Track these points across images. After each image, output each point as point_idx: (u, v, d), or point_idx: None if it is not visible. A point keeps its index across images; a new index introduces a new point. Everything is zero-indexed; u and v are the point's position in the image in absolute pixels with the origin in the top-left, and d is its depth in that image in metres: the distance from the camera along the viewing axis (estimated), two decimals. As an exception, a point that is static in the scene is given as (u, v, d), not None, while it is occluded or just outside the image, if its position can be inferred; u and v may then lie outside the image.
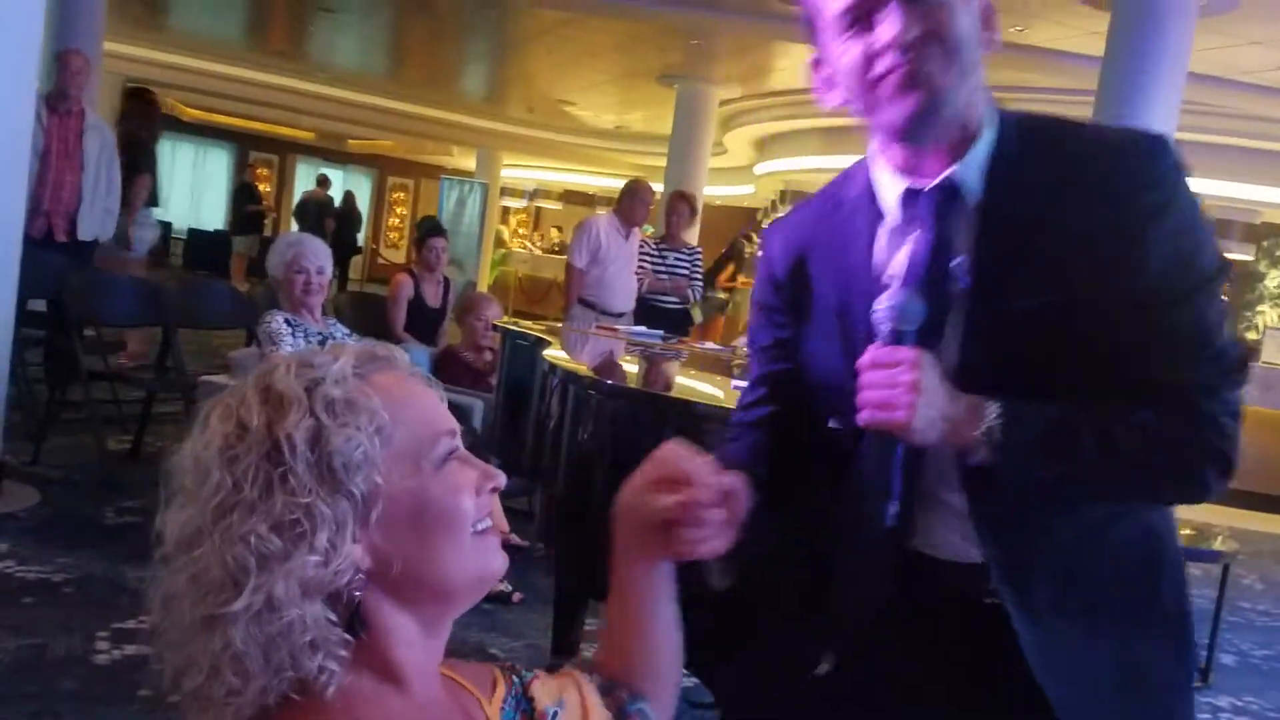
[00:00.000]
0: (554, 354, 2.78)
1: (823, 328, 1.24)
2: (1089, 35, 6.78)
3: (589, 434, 2.25)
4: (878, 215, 1.20)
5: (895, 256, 1.17)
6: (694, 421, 2.32)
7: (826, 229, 1.26)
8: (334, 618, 0.78)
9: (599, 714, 0.98)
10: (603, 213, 6.33)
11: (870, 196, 1.21)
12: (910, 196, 1.15)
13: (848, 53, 1.10)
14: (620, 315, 5.82)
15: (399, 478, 0.82)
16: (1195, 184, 1.12)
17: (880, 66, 1.07)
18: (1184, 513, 2.66)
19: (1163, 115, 5.86)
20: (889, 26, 1.06)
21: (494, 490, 0.89)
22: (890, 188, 1.18)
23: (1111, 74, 6.02)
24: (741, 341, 4.25)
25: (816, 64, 1.18)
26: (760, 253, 1.37)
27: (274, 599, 0.76)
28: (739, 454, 1.30)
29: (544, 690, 0.96)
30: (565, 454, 2.39)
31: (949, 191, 1.12)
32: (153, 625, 0.81)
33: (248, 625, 0.76)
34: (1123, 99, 5.91)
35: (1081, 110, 6.60)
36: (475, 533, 0.85)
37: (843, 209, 1.25)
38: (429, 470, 0.84)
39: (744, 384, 2.80)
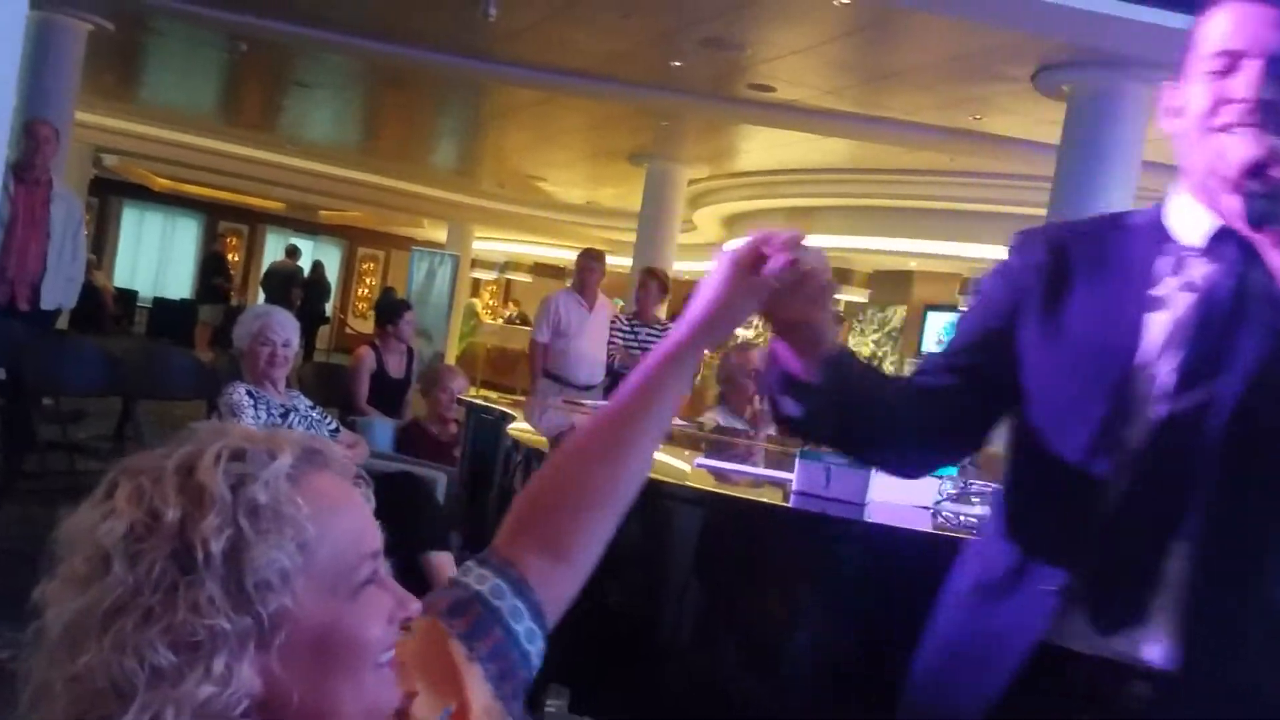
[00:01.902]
0: (517, 428, 2.77)
1: (1064, 338, 1.20)
2: (1045, 124, 7.00)
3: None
4: (1164, 241, 1.19)
5: (1176, 297, 1.15)
6: (656, 498, 2.32)
7: (1097, 244, 1.24)
8: None
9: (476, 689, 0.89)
10: (561, 289, 6.42)
11: (1159, 228, 1.20)
12: (1223, 235, 1.14)
13: (1204, 92, 1.14)
14: (588, 389, 5.84)
15: (311, 602, 0.73)
16: None
17: (1227, 115, 1.11)
18: None
19: (1118, 201, 6.03)
20: (1248, 82, 1.10)
21: (405, 621, 0.81)
22: (1195, 224, 1.17)
23: (1068, 161, 6.20)
24: (707, 416, 4.26)
25: (1172, 91, 1.21)
26: (1012, 249, 1.33)
27: None
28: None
29: (424, 704, 0.86)
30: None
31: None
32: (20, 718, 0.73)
33: None
34: (1079, 186, 6.08)
35: (1039, 196, 6.78)
36: (376, 664, 0.77)
37: (1124, 228, 1.24)
38: (344, 595, 0.76)
39: (709, 462, 2.77)
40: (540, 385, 5.90)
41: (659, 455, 3.31)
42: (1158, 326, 1.14)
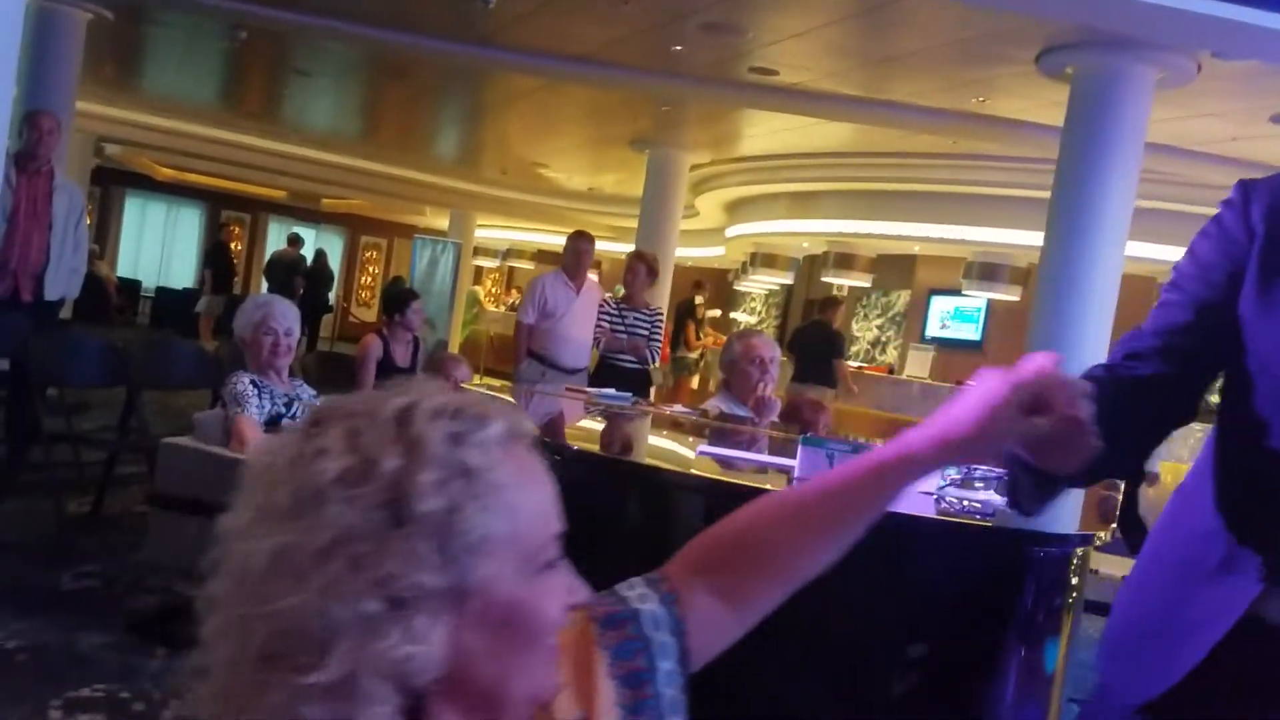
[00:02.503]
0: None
1: None
2: (1049, 106, 6.96)
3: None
4: None
5: None
6: (660, 486, 2.32)
7: None
8: None
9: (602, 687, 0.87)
10: (549, 270, 6.40)
11: None
12: None
13: None
14: (573, 372, 5.84)
15: (507, 573, 0.72)
16: (1152, 249, 1.11)
17: None
18: None
19: (1121, 184, 6.01)
20: None
21: (572, 607, 0.80)
22: None
23: (1071, 144, 6.17)
24: (710, 404, 4.25)
25: None
26: (1227, 203, 1.19)
27: (353, 680, 0.66)
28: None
29: (562, 701, 0.84)
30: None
31: None
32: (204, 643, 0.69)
33: (318, 700, 0.66)
34: (1083, 168, 6.06)
35: (1043, 179, 6.75)
36: (548, 646, 0.77)
37: None
38: (532, 572, 0.74)
39: (712, 450, 2.76)
40: (524, 367, 5.89)
41: (662, 442, 3.31)
42: None
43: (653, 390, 6.60)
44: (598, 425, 3.51)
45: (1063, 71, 6.29)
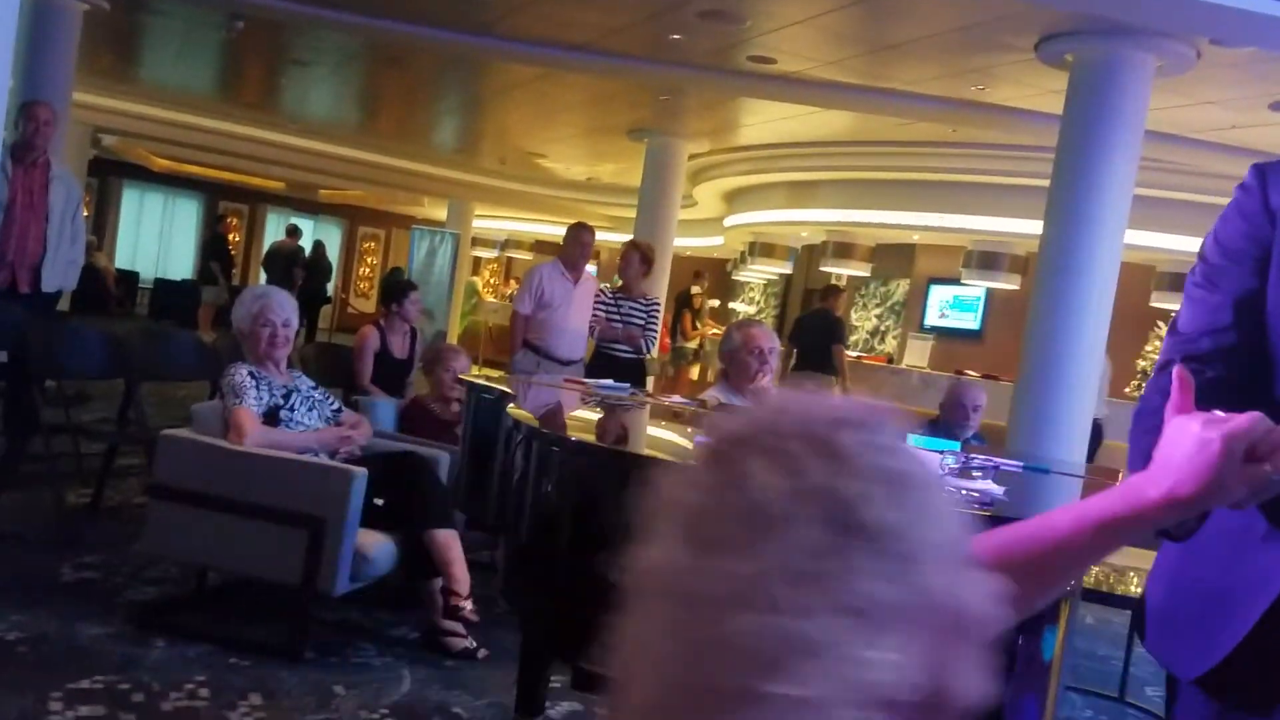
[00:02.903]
0: (518, 409, 2.77)
1: None
2: (1048, 94, 6.94)
3: (552, 489, 2.24)
4: None
5: None
6: (652, 473, 2.31)
7: None
8: None
9: None
10: (547, 260, 6.38)
11: None
12: None
13: None
14: (570, 363, 5.82)
15: (949, 576, 0.69)
16: (1152, 237, 1.10)
17: None
18: None
19: (1121, 171, 6.00)
20: None
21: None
22: None
23: (1071, 132, 6.15)
24: (708, 394, 4.25)
25: None
26: (1243, 188, 1.20)
27: (821, 705, 0.63)
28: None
29: None
30: (529, 508, 2.37)
31: None
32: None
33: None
34: (1082, 155, 6.04)
35: (1042, 167, 6.74)
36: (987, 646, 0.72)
37: None
38: (963, 571, 0.70)
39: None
40: (519, 357, 5.86)
41: (659, 432, 3.31)
42: None
43: (650, 381, 6.60)
44: (595, 416, 3.51)
45: (1062, 59, 6.28)
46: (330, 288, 17.88)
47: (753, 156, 11.68)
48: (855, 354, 12.27)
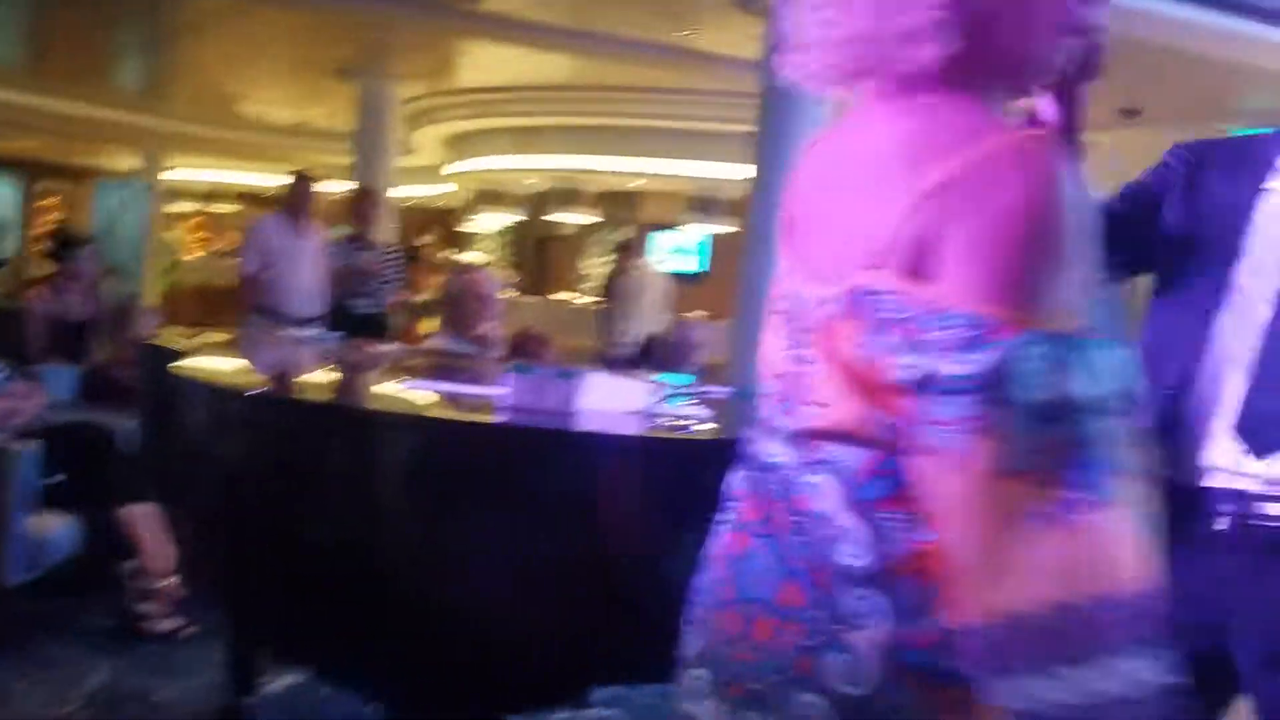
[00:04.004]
0: (187, 365, 2.52)
1: (1185, 228, 1.46)
2: (751, 40, 7.18)
3: (231, 449, 2.05)
4: None
5: None
6: (364, 428, 2.19)
7: (1232, 150, 1.52)
8: None
9: None
10: (268, 214, 6.03)
11: None
12: None
13: None
14: (306, 322, 5.51)
15: None
16: None
17: None
18: None
19: (819, 113, 6.31)
20: None
21: None
22: None
23: (771, 76, 6.40)
24: (430, 342, 4.13)
25: None
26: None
27: None
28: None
29: None
30: (209, 473, 2.16)
31: None
32: None
33: None
34: (785, 99, 6.29)
35: (753, 112, 6.98)
36: None
37: (1260, 140, 1.48)
38: None
39: (420, 385, 2.64)
40: (252, 321, 5.47)
41: (377, 388, 3.15)
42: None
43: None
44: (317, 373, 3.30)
45: (760, 4, 6.50)
46: (5, 249, 16.07)
47: (473, 101, 11.43)
48: (587, 300, 12.43)
